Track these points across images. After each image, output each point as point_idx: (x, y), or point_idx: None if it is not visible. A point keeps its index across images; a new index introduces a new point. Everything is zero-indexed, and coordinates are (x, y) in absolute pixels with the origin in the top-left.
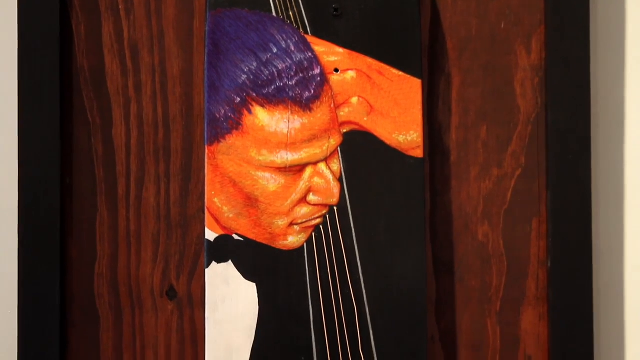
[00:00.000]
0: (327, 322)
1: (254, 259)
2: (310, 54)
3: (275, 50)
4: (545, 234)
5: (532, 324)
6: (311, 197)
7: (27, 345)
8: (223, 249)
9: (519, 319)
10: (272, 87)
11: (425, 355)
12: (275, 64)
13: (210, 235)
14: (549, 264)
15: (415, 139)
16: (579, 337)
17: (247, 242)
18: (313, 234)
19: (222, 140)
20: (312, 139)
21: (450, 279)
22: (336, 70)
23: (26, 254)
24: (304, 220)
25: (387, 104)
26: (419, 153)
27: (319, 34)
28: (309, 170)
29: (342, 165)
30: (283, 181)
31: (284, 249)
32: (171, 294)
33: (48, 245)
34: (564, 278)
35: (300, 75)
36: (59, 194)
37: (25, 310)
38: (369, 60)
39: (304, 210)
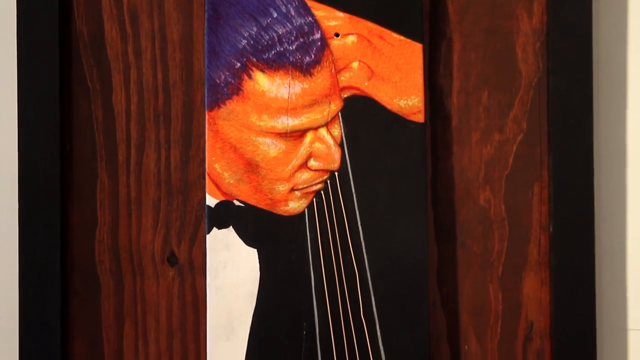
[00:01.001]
0: (328, 287)
1: (255, 225)
2: (310, 19)
3: (275, 15)
4: (547, 198)
5: (534, 289)
6: (312, 163)
7: (28, 312)
8: (224, 215)
9: (520, 284)
10: (272, 52)
11: (426, 321)
12: (275, 28)
13: (211, 201)
14: (551, 229)
15: (416, 103)
16: (580, 302)
17: (248, 207)
18: (314, 199)
19: (222, 105)
20: (312, 104)
21: (451, 244)
22: (337, 35)
23: (26, 221)
24: (305, 185)
25: (388, 68)
26: (420, 118)
27: None
28: (309, 136)
29: (343, 131)
30: (284, 146)
31: (285, 214)
32: (172, 260)
33: (48, 212)
34: (565, 243)
35: (301, 40)
36: (59, 161)
37: (26, 277)
38: (370, 24)
39: (304, 175)
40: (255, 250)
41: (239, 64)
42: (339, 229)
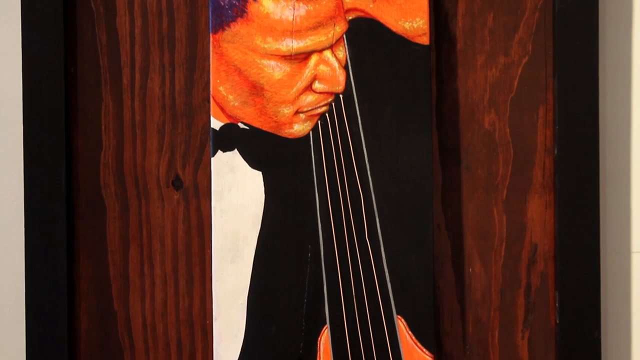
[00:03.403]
0: (333, 209)
1: (260, 148)
2: None
3: None
4: (552, 121)
5: (538, 212)
6: (317, 85)
7: (34, 236)
8: (228, 138)
9: (525, 207)
10: None
11: (431, 244)
12: None
13: (216, 124)
14: (556, 152)
15: (421, 25)
16: (584, 225)
17: (253, 130)
18: (319, 122)
19: (226, 28)
20: (317, 26)
21: (456, 167)
22: None
23: (31, 145)
24: (310, 108)
25: None
26: (425, 40)
27: None
28: (314, 58)
29: (347, 53)
30: (288, 69)
31: (290, 137)
32: (177, 183)
33: (53, 135)
34: (570, 165)
35: None
36: (63, 84)
37: (31, 201)
38: None
39: (309, 98)
40: (260, 173)
41: None
42: (343, 152)
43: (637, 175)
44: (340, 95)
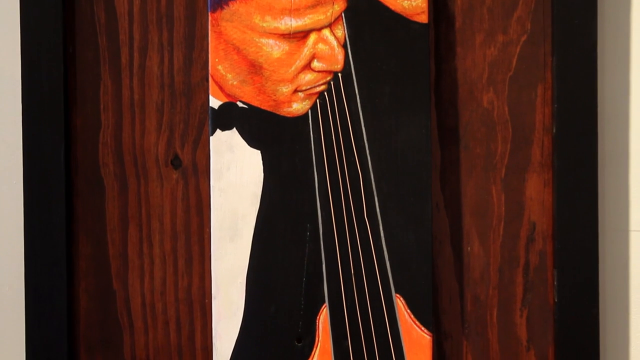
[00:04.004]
0: (332, 188)
1: (259, 126)
2: None
3: None
4: (551, 100)
5: (537, 191)
6: (315, 64)
7: (33, 215)
8: (227, 117)
9: (523, 185)
10: None
11: (430, 222)
12: None
13: (215, 102)
14: (554, 130)
15: (419, 4)
16: (583, 203)
17: (252, 109)
18: (317, 100)
19: (225, 6)
20: (316, 4)
21: (455, 146)
22: None
23: (30, 124)
24: (308, 87)
25: None
26: (423, 18)
27: None
28: (313, 37)
29: (346, 31)
30: (287, 48)
31: (289, 115)
32: (176, 162)
33: (52, 114)
34: (568, 144)
35: None
36: (62, 63)
37: (30, 180)
38: None
39: (308, 76)
40: (258, 152)
41: None
42: (342, 131)
43: (635, 153)
44: (339, 74)
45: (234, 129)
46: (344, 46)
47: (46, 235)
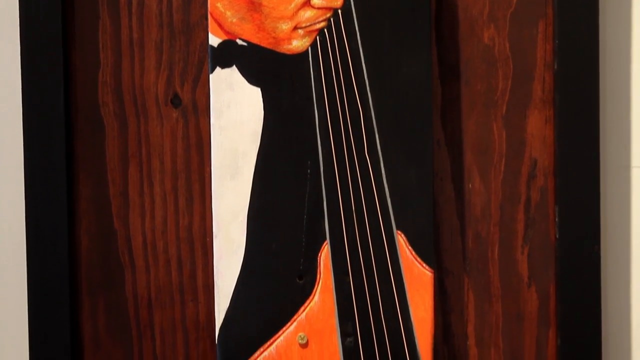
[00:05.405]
0: (332, 125)
1: (258, 64)
2: None
3: None
4: (552, 36)
5: (538, 127)
6: (315, 0)
7: (33, 155)
8: (227, 54)
9: (524, 122)
10: None
11: (431, 159)
12: None
13: (214, 40)
14: (555, 67)
15: None
16: (584, 139)
17: (251, 46)
18: (317, 37)
19: None
20: None
21: (455, 83)
22: None
23: (29, 63)
24: (308, 23)
25: None
26: None
27: None
28: None
29: None
30: None
31: (288, 53)
32: (176, 101)
33: (51, 54)
34: (570, 80)
35: None
36: (60, 1)
37: (30, 119)
38: None
39: (308, 13)
40: (258, 89)
41: None
42: (342, 68)
43: (637, 88)
44: (339, 11)
45: (234, 66)
46: None
47: (46, 176)
